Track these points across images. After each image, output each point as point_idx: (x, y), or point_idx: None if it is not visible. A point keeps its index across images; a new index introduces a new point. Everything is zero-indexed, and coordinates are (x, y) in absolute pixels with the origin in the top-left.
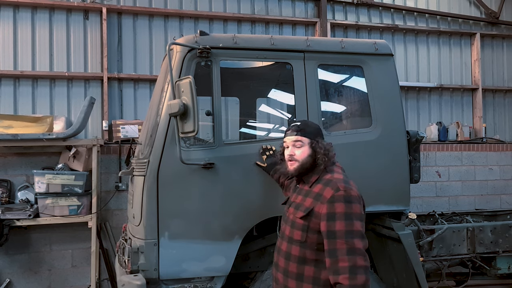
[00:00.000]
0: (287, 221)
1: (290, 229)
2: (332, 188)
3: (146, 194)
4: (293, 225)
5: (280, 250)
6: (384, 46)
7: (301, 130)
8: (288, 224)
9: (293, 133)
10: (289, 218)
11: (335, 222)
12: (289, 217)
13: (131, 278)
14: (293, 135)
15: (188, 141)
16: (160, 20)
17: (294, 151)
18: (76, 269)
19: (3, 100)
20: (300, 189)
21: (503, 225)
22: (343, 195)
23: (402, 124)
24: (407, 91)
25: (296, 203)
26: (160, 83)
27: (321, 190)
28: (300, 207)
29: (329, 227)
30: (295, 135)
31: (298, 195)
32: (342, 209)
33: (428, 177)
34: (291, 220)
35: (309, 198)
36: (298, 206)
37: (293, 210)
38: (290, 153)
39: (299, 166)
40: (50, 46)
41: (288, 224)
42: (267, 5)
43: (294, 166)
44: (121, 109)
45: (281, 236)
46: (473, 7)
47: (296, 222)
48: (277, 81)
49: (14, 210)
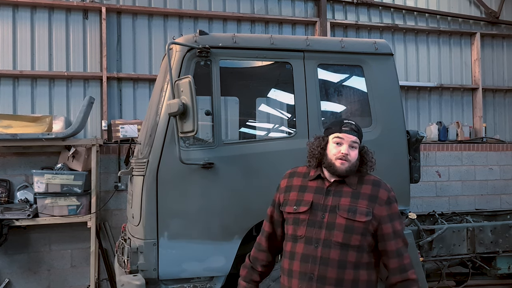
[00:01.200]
0: (332, 226)
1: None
2: (386, 190)
3: (146, 194)
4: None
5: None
6: (384, 45)
7: (358, 131)
8: (334, 229)
9: (352, 133)
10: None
11: (395, 222)
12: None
13: (131, 278)
14: (352, 135)
15: (188, 141)
16: (160, 20)
17: (349, 151)
18: (75, 269)
19: (2, 100)
20: (336, 191)
21: (503, 225)
22: (394, 196)
23: (402, 124)
24: (407, 91)
25: (346, 206)
26: (160, 83)
27: (374, 192)
28: (358, 210)
29: (393, 228)
30: (354, 135)
31: (335, 197)
32: (396, 210)
33: (428, 177)
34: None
35: (362, 200)
36: (352, 209)
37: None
38: (346, 151)
39: (350, 167)
40: (49, 45)
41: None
42: (267, 4)
43: (346, 166)
44: (121, 108)
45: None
46: (473, 7)
47: (355, 227)
48: (276, 80)
49: (13, 210)
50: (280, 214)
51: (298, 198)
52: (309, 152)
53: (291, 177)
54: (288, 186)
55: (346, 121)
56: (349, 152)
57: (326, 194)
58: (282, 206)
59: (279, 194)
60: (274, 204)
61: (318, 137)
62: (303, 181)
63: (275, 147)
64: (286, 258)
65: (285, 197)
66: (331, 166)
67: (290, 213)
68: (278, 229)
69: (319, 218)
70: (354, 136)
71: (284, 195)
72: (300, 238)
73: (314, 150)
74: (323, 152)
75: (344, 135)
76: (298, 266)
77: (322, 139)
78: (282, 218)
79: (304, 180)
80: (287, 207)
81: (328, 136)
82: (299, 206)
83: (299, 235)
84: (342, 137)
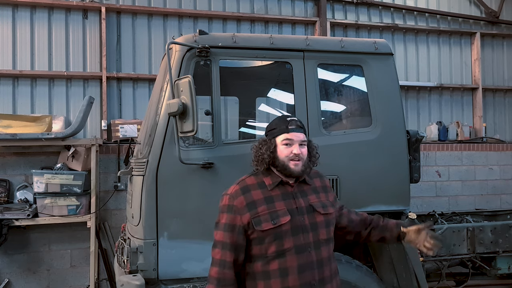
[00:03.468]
0: (315, 226)
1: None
2: (325, 177)
3: (145, 194)
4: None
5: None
6: (384, 45)
7: (303, 128)
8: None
9: (300, 130)
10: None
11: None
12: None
13: (130, 278)
14: (300, 133)
15: (187, 140)
16: (159, 19)
17: (300, 150)
18: (75, 269)
19: (2, 100)
20: (300, 191)
21: (503, 225)
22: None
23: (402, 124)
24: (407, 91)
25: (316, 202)
26: (159, 83)
27: (322, 182)
28: (326, 203)
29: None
30: (302, 133)
31: (303, 197)
32: None
33: (428, 177)
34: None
35: (321, 193)
36: (322, 204)
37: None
38: (298, 151)
39: (303, 165)
40: (49, 45)
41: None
42: (267, 4)
43: (300, 166)
44: (120, 108)
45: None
46: (473, 6)
47: (330, 219)
48: (276, 80)
49: (13, 210)
50: (244, 237)
51: (270, 211)
52: (256, 157)
53: (245, 192)
54: (249, 203)
55: (289, 119)
56: (300, 151)
57: (295, 197)
58: (255, 225)
59: (238, 216)
60: (233, 229)
61: (265, 140)
62: (264, 193)
63: None
64: (274, 278)
65: (252, 216)
66: (285, 169)
67: (268, 230)
68: (241, 255)
69: (300, 223)
70: (302, 134)
71: (250, 214)
72: (288, 251)
73: (263, 154)
74: (272, 155)
75: (293, 134)
76: (296, 280)
77: (269, 141)
78: (246, 242)
79: (264, 191)
80: (262, 224)
81: (275, 138)
82: (277, 218)
83: (287, 248)
84: (290, 137)
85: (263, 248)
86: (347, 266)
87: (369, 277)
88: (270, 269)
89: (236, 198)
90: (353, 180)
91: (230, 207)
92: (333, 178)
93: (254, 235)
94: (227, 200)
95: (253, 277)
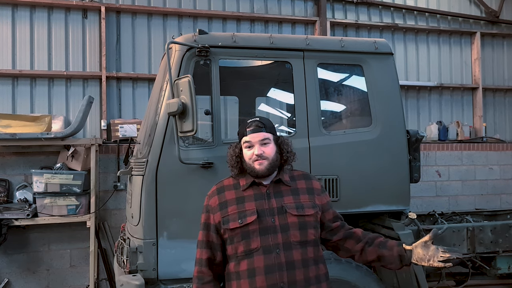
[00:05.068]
0: (285, 228)
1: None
2: (316, 180)
3: (145, 194)
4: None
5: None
6: (384, 45)
7: (264, 126)
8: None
9: (258, 130)
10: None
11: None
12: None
13: (130, 278)
14: (259, 132)
15: (187, 140)
16: (159, 19)
17: (262, 149)
18: (74, 269)
19: (2, 99)
20: (275, 192)
21: (503, 225)
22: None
23: (402, 123)
24: (407, 90)
25: (292, 204)
26: (159, 82)
27: (308, 184)
28: (303, 204)
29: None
30: (261, 132)
31: (277, 198)
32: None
33: (428, 176)
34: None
35: (302, 195)
36: (298, 205)
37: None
38: (258, 152)
39: (270, 164)
40: (48, 45)
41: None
42: (267, 3)
43: (265, 165)
44: (120, 108)
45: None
46: (473, 6)
47: (307, 222)
48: (276, 80)
49: (13, 209)
50: (218, 236)
51: (239, 210)
52: (229, 162)
53: (220, 193)
54: (221, 202)
55: (250, 120)
56: (262, 151)
57: (267, 198)
58: (223, 224)
59: (211, 214)
60: (208, 228)
61: (232, 146)
62: (237, 193)
63: None
64: (244, 279)
65: (222, 215)
66: (252, 170)
67: (235, 229)
68: (218, 253)
69: (270, 224)
70: (261, 133)
71: (220, 213)
72: (256, 251)
73: (231, 159)
74: (239, 159)
75: (251, 136)
76: (263, 281)
77: (235, 146)
78: (221, 241)
79: (237, 191)
80: (230, 223)
81: (240, 142)
82: (244, 218)
83: (254, 248)
84: (249, 139)
85: (234, 248)
86: (347, 266)
87: (369, 277)
88: (240, 269)
89: (211, 198)
90: (353, 180)
91: (206, 207)
92: (333, 178)
93: (226, 235)
94: (206, 200)
95: (229, 277)
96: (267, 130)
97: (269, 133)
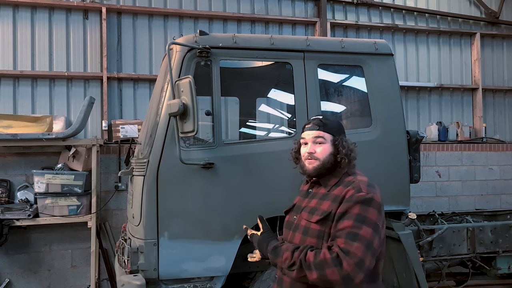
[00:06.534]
0: (297, 228)
1: (302, 236)
2: (354, 189)
3: (146, 194)
4: (306, 232)
5: None
6: (384, 46)
7: (323, 125)
8: (298, 231)
9: (314, 128)
10: (301, 225)
11: (342, 221)
12: (299, 224)
13: (131, 278)
14: (314, 130)
15: (188, 141)
16: (160, 20)
17: (315, 148)
18: (75, 269)
19: (3, 100)
20: (314, 193)
21: (503, 225)
22: (363, 197)
23: (402, 124)
24: (407, 91)
25: (311, 207)
26: (160, 83)
27: (341, 192)
28: (316, 210)
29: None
30: (317, 130)
31: (311, 199)
32: (356, 210)
33: (428, 177)
34: (303, 227)
35: (326, 201)
36: (313, 210)
37: (306, 215)
38: (310, 150)
39: (319, 165)
40: (49, 46)
41: (299, 232)
42: (267, 4)
43: (314, 165)
44: (121, 109)
45: None
46: (473, 7)
47: (310, 228)
48: (277, 81)
49: (14, 210)
50: None
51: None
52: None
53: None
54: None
55: (312, 117)
56: (314, 150)
57: (306, 197)
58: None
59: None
60: None
61: (295, 142)
62: (302, 186)
63: (275, 147)
64: None
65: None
66: (303, 168)
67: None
68: None
69: (292, 220)
70: (315, 131)
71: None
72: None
73: (291, 153)
74: (298, 155)
75: (306, 133)
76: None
77: (297, 143)
78: None
79: (303, 185)
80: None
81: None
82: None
83: (284, 238)
84: (304, 136)
85: None
86: None
87: None
88: None
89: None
90: None
91: None
92: None
93: None
94: None
95: None
96: (325, 129)
97: (325, 132)
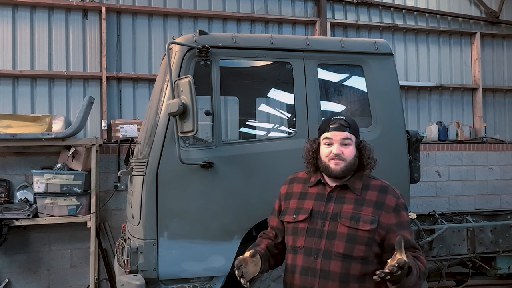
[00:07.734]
0: (334, 235)
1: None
2: (394, 196)
3: (145, 194)
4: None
5: (315, 271)
6: (384, 45)
7: (350, 126)
8: (337, 239)
9: (342, 129)
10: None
11: (405, 231)
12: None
13: (130, 278)
14: (342, 131)
15: (187, 140)
16: (159, 20)
17: (342, 149)
18: (75, 269)
19: (2, 100)
20: (339, 197)
21: (503, 225)
22: (403, 203)
23: (402, 124)
24: (407, 91)
25: (350, 214)
26: (159, 83)
27: (381, 198)
28: (361, 218)
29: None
30: (345, 132)
31: (338, 204)
32: (406, 218)
33: (428, 177)
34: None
35: (366, 207)
36: (355, 217)
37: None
38: (337, 151)
39: (346, 166)
40: (49, 45)
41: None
42: (267, 4)
43: (341, 166)
44: (120, 108)
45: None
46: (473, 7)
47: (358, 236)
48: (276, 80)
49: (13, 210)
50: (281, 223)
51: (297, 206)
52: (304, 158)
53: (291, 183)
54: (288, 193)
55: (334, 117)
56: (341, 151)
57: (327, 201)
58: (281, 215)
59: (279, 201)
60: (274, 213)
61: (310, 140)
62: (303, 188)
63: (275, 147)
64: (288, 272)
65: (285, 205)
66: (326, 169)
67: (289, 223)
68: (280, 238)
69: (319, 227)
70: (344, 132)
71: (284, 203)
72: (299, 249)
73: (307, 154)
74: (316, 155)
75: (333, 133)
76: (298, 280)
77: (314, 141)
78: (283, 227)
79: (304, 186)
80: (286, 216)
81: (319, 138)
82: (298, 214)
83: (298, 246)
84: (330, 136)
85: (287, 240)
86: None
87: None
88: (287, 261)
89: (283, 186)
90: None
91: (279, 192)
92: None
93: (285, 225)
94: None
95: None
96: (351, 130)
97: (352, 134)
